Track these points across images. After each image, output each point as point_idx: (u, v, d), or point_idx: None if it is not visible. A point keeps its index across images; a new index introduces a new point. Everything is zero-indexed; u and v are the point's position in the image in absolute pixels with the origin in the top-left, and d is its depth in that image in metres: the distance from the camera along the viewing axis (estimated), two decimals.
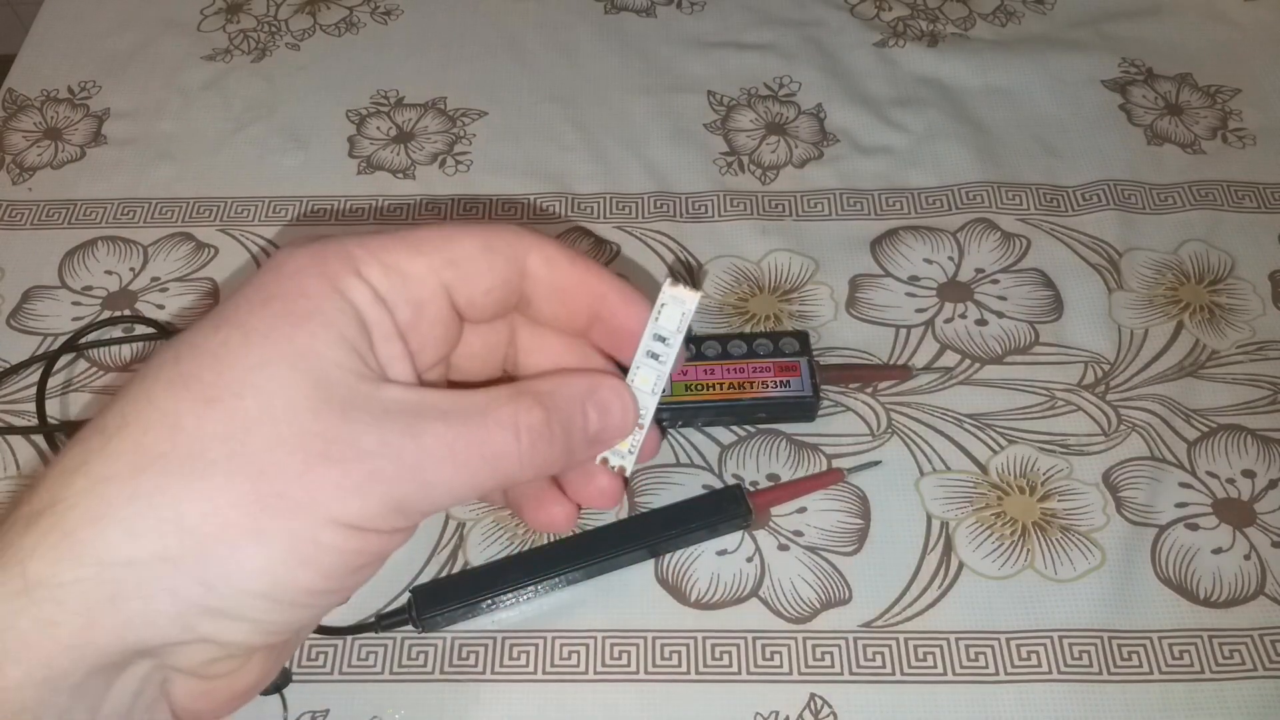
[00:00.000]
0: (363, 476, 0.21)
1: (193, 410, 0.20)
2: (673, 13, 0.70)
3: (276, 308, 0.22)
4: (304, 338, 0.21)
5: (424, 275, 0.23)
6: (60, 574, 0.19)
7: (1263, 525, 0.46)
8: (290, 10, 0.71)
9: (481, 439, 0.22)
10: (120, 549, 0.19)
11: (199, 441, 0.20)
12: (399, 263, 0.23)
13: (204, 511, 0.20)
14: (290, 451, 0.20)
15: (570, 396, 0.24)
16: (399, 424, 0.21)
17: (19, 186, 0.61)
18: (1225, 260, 0.55)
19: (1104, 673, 0.43)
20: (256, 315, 0.22)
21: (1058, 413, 0.50)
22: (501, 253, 0.24)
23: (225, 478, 0.20)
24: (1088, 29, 0.67)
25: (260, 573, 0.20)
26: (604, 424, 0.25)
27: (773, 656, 0.43)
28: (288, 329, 0.21)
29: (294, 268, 0.22)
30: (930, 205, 0.58)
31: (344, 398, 0.21)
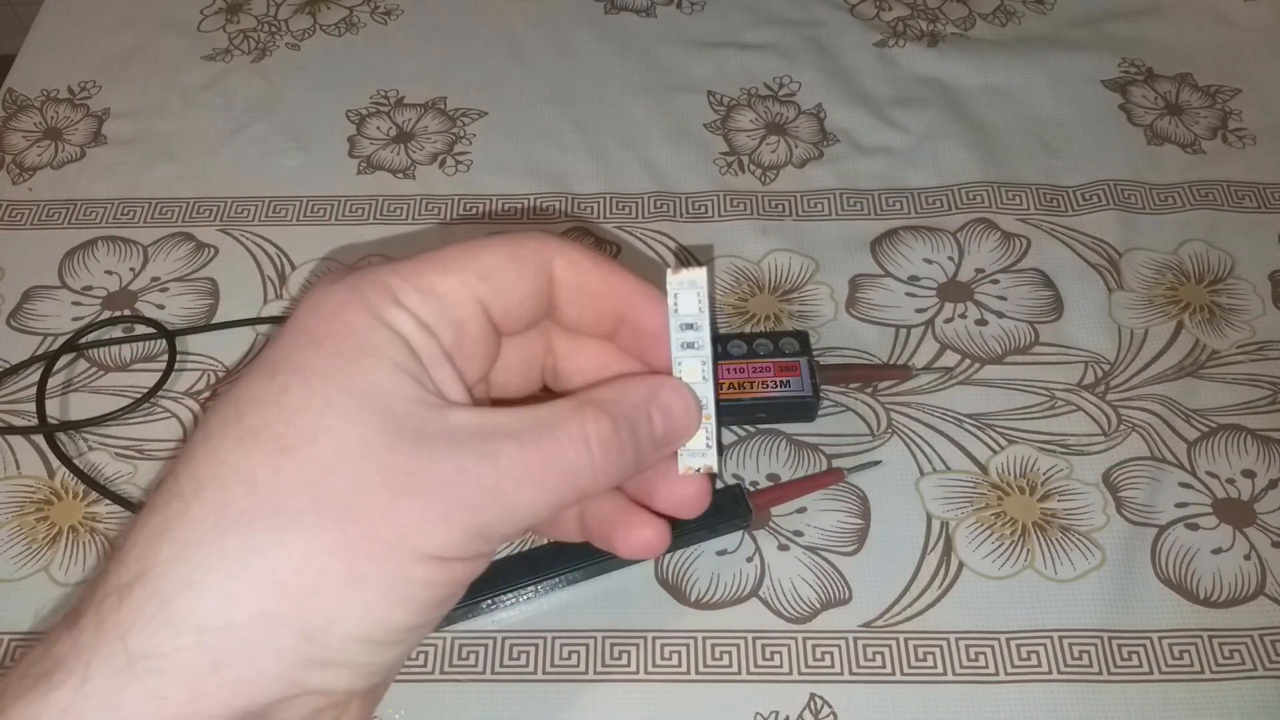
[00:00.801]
0: (446, 507, 0.21)
1: (266, 462, 0.20)
2: (673, 13, 0.70)
3: (329, 348, 0.22)
4: (362, 374, 0.21)
5: (459, 294, 0.23)
6: (161, 645, 0.19)
7: (1263, 525, 0.46)
8: (290, 10, 0.71)
9: (556, 454, 0.22)
10: (218, 613, 0.19)
11: (279, 493, 0.20)
12: (433, 285, 0.23)
13: (297, 564, 0.20)
14: (372, 490, 0.20)
15: (634, 403, 0.24)
16: (473, 449, 0.21)
17: (19, 186, 0.61)
18: (1225, 260, 0.55)
19: (1104, 673, 0.43)
20: (310, 358, 0.21)
21: (1058, 413, 0.50)
22: (529, 261, 0.24)
23: (312, 527, 0.20)
24: (1088, 29, 0.67)
25: (361, 618, 0.20)
26: (669, 425, 0.25)
27: (773, 656, 0.43)
28: (345, 367, 0.21)
29: (334, 305, 0.22)
30: (930, 205, 0.58)
31: (414, 428, 0.21)
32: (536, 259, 0.24)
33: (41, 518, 0.48)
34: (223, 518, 0.20)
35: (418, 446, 0.21)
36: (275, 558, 0.19)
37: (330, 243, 0.58)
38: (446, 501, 0.21)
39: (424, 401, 0.22)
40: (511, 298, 0.24)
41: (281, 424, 0.21)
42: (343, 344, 0.22)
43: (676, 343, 0.26)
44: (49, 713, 0.18)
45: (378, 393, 0.21)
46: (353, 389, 0.21)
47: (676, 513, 0.27)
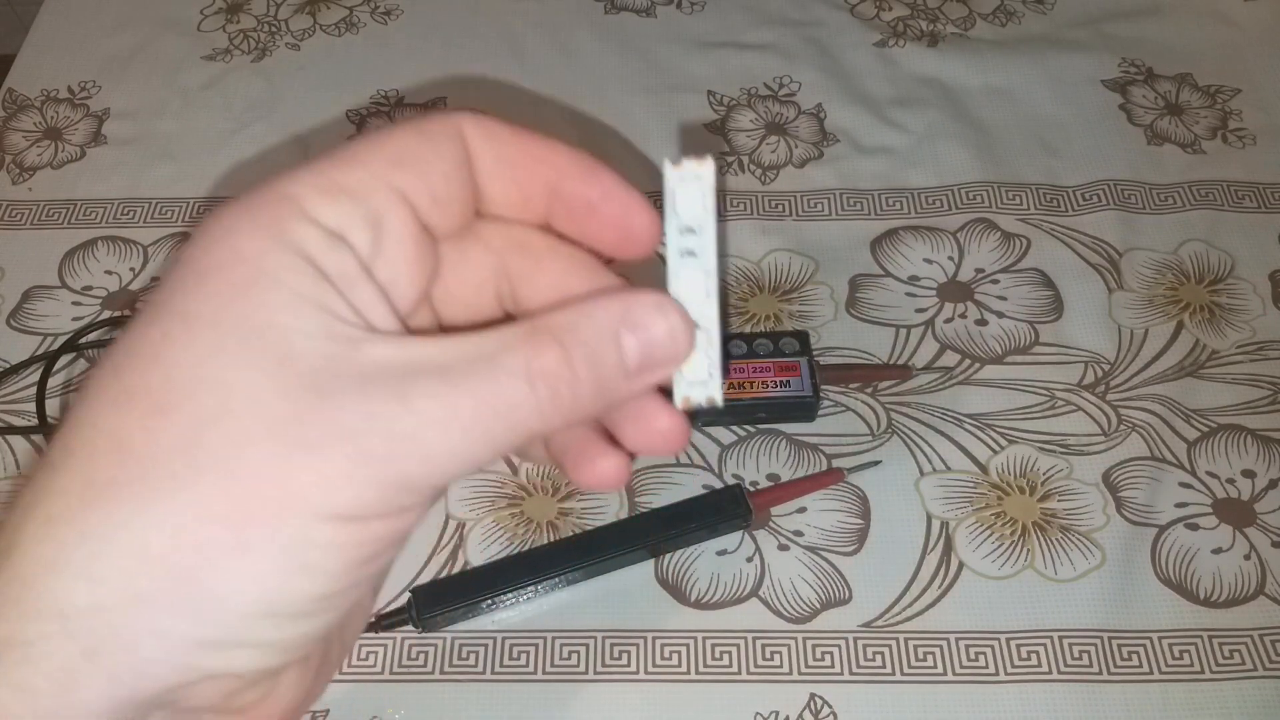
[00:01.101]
0: (350, 460, 0.18)
1: (141, 424, 0.18)
2: (673, 13, 0.70)
3: (215, 283, 0.18)
4: (254, 310, 0.18)
5: (371, 185, 0.20)
6: (25, 631, 0.17)
7: (1263, 525, 0.46)
8: (290, 10, 0.71)
9: (490, 394, 0.19)
10: (80, 596, 0.17)
11: (152, 458, 0.17)
12: (338, 181, 0.20)
13: (171, 535, 0.17)
14: (258, 444, 0.17)
15: (597, 326, 0.20)
16: (386, 389, 0.18)
17: (19, 186, 0.61)
18: (1225, 260, 0.55)
19: (1104, 673, 0.43)
20: (194, 296, 0.18)
21: (1058, 413, 0.50)
22: (441, 134, 0.21)
23: (189, 491, 0.17)
24: (1088, 29, 0.67)
25: (253, 591, 0.17)
26: (647, 350, 0.20)
27: (773, 656, 0.43)
28: (232, 304, 0.18)
29: (222, 230, 0.19)
30: (930, 205, 0.58)
31: (316, 368, 0.18)
32: (449, 131, 0.21)
33: None
34: (87, 489, 0.17)
35: (318, 392, 0.18)
36: (145, 530, 0.17)
37: None
38: (350, 453, 0.18)
39: (333, 335, 0.18)
40: (433, 179, 0.21)
41: (159, 377, 0.18)
42: (231, 276, 0.18)
43: (674, 249, 0.22)
44: None
45: (271, 331, 0.18)
46: (242, 329, 0.18)
47: (648, 451, 0.23)
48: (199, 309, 0.18)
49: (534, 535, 0.47)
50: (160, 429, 0.17)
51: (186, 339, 0.18)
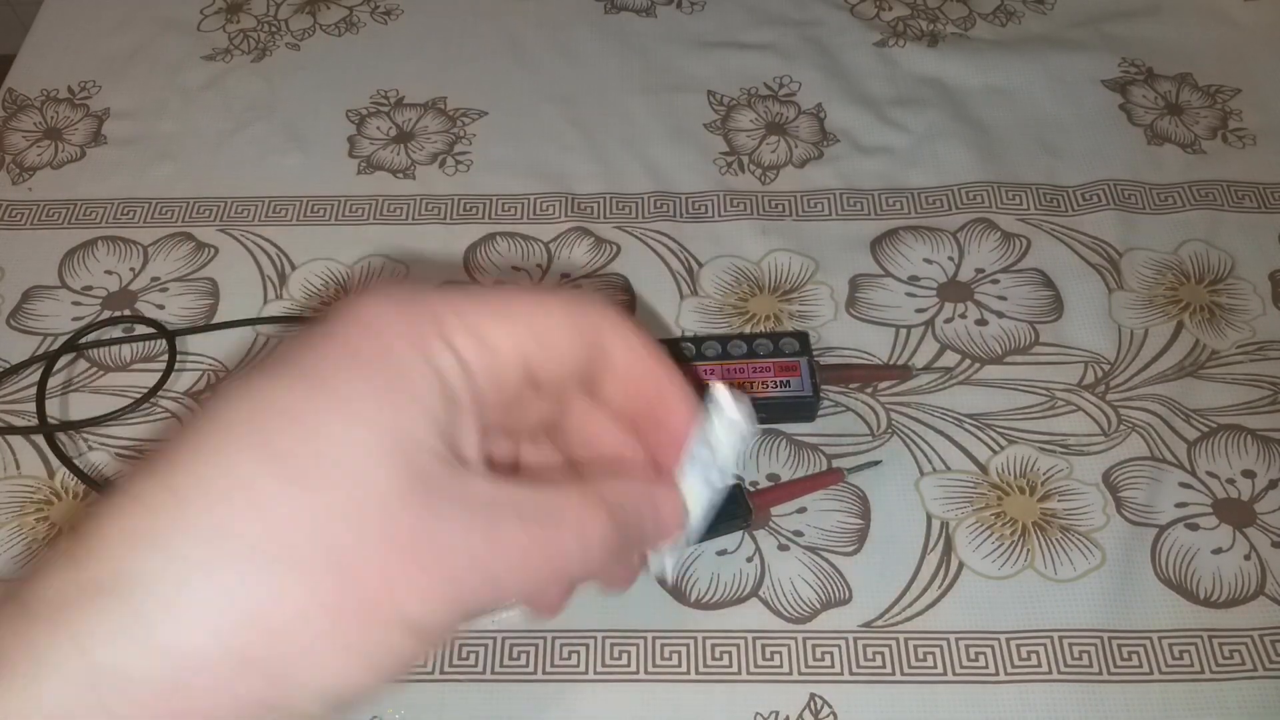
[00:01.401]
0: (445, 583, 0.20)
1: (277, 489, 0.19)
2: (673, 13, 0.70)
3: (363, 369, 0.20)
4: (391, 411, 0.20)
5: (509, 349, 0.22)
6: (130, 666, 0.18)
7: (1263, 525, 0.46)
8: (290, 10, 0.71)
9: (555, 547, 0.22)
10: (199, 644, 0.18)
11: (285, 528, 0.19)
12: (486, 331, 0.22)
13: (285, 609, 0.18)
14: (377, 548, 0.19)
15: (639, 512, 0.24)
16: (480, 523, 0.20)
17: (19, 186, 0.61)
18: (1225, 260, 0.55)
19: (1104, 673, 0.43)
20: (341, 374, 0.20)
21: (1058, 413, 0.50)
22: (585, 331, 0.24)
23: (309, 572, 0.19)
24: (1088, 29, 0.67)
25: (331, 678, 0.19)
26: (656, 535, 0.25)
27: (773, 656, 0.43)
28: (375, 397, 0.20)
29: (379, 323, 0.21)
30: (930, 205, 0.58)
31: (431, 487, 0.20)
32: (593, 332, 0.24)
33: (41, 518, 0.48)
34: (223, 539, 0.18)
35: (431, 509, 0.20)
36: (265, 597, 0.18)
37: (330, 243, 0.58)
38: (447, 578, 0.20)
39: (443, 459, 0.20)
40: (560, 365, 0.23)
41: (298, 442, 0.19)
42: (379, 369, 0.20)
43: (695, 458, 0.25)
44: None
45: (405, 438, 0.20)
46: (379, 425, 0.20)
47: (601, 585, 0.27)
48: (344, 387, 0.20)
49: None
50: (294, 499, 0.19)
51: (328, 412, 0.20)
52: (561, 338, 0.23)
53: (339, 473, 0.19)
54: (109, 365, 0.53)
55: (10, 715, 0.17)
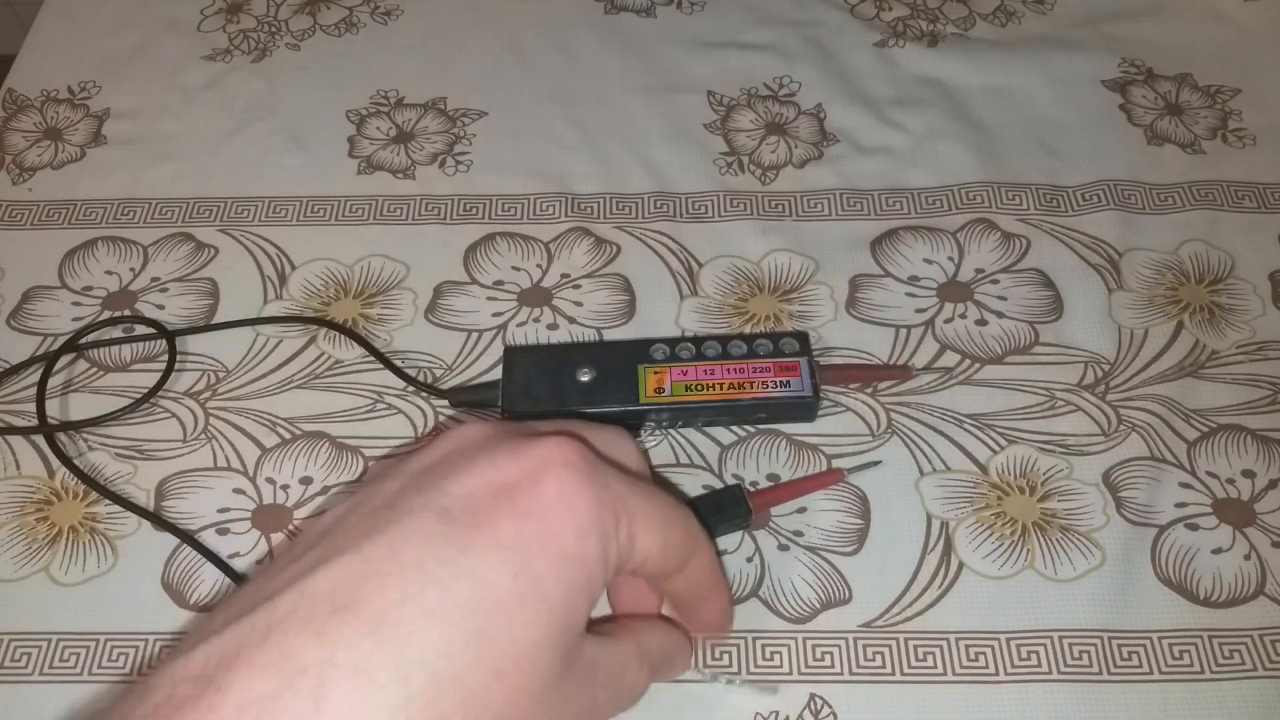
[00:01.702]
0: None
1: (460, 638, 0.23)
2: (673, 13, 0.70)
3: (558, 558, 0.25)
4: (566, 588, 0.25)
5: (641, 557, 0.28)
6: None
7: (1263, 525, 0.46)
8: (290, 10, 0.71)
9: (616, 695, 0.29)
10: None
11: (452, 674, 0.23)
12: (635, 535, 0.27)
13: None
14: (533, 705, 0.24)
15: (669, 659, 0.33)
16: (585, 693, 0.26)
17: (19, 186, 0.61)
18: (1225, 260, 0.55)
19: (1104, 673, 0.43)
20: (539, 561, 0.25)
21: (1058, 413, 0.50)
22: (685, 552, 0.29)
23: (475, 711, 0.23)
24: (1088, 29, 0.67)
25: None
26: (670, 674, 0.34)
27: (773, 656, 0.43)
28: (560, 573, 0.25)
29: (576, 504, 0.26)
30: (930, 205, 0.58)
31: (569, 648, 0.25)
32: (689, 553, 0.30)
33: (41, 518, 0.48)
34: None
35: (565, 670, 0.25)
36: None
37: (330, 243, 0.58)
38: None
39: (580, 629, 0.26)
40: (662, 569, 0.29)
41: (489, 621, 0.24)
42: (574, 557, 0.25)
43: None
44: None
45: (569, 611, 0.25)
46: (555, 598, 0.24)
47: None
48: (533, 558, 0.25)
49: None
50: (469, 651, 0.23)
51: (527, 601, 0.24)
52: (671, 553, 0.28)
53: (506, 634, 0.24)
54: (109, 365, 0.53)
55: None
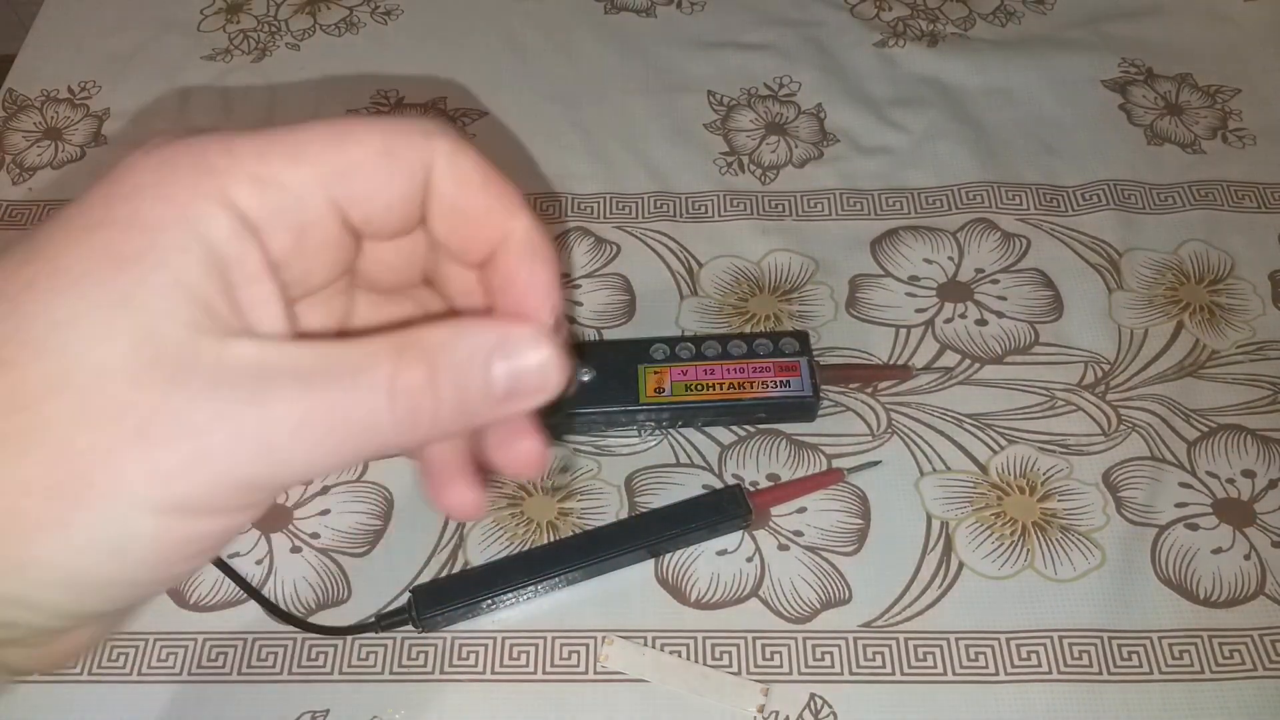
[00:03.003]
0: (189, 457, 0.17)
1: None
2: (673, 13, 0.70)
3: (101, 239, 0.18)
4: (130, 283, 0.17)
5: (309, 191, 0.19)
6: None
7: (1263, 525, 0.46)
8: (290, 10, 0.71)
9: (348, 403, 0.18)
10: None
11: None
12: (277, 175, 0.19)
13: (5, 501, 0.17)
14: (97, 428, 0.17)
15: (469, 348, 0.19)
16: (242, 391, 0.18)
17: (19, 186, 0.61)
18: (1225, 260, 0.55)
19: (1104, 673, 0.43)
20: (75, 249, 0.18)
21: (1058, 413, 0.50)
22: (405, 160, 0.20)
23: (15, 458, 0.17)
24: (1088, 29, 0.67)
25: (58, 566, 0.17)
26: (516, 379, 0.20)
27: (773, 656, 0.43)
28: (112, 269, 0.17)
29: (135, 183, 0.18)
30: (930, 205, 0.58)
31: (175, 360, 0.17)
32: (415, 159, 0.20)
33: None
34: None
35: (170, 382, 0.17)
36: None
37: None
38: (190, 451, 0.17)
39: (199, 327, 0.18)
40: (376, 203, 0.20)
41: (11, 327, 0.17)
42: (121, 239, 0.18)
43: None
44: None
45: (141, 310, 0.17)
46: (109, 299, 0.17)
47: (506, 473, 0.23)
48: (73, 265, 0.17)
49: (534, 535, 0.47)
50: (3, 385, 0.17)
51: (50, 294, 0.17)
52: (377, 173, 0.20)
53: (52, 353, 0.17)
54: None
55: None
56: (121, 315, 0.17)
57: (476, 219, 0.21)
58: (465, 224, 0.21)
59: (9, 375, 0.17)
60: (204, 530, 0.18)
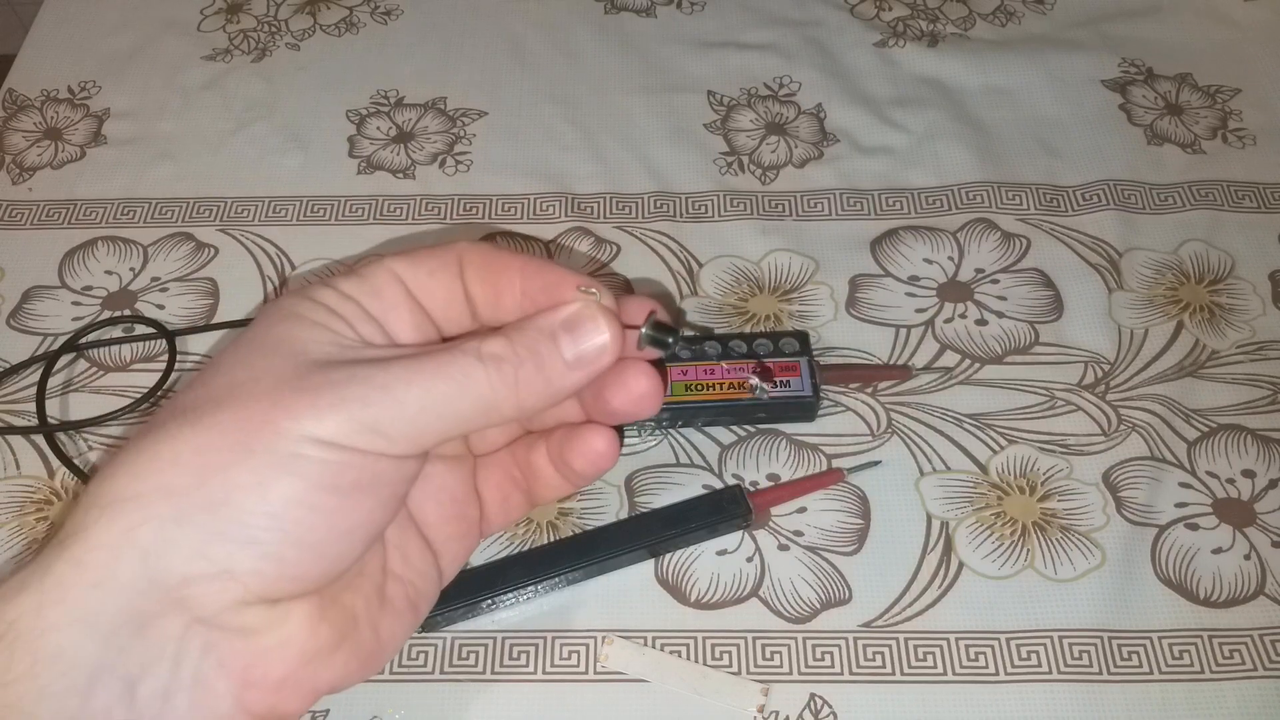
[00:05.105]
0: (332, 398, 0.23)
1: (188, 390, 0.24)
2: (673, 13, 0.70)
3: (262, 322, 0.26)
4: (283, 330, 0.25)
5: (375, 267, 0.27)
6: (86, 520, 0.22)
7: (1263, 525, 0.46)
8: (290, 10, 0.71)
9: (447, 362, 0.25)
10: (127, 487, 0.22)
11: (193, 404, 0.24)
12: (355, 268, 0.27)
13: (196, 447, 0.23)
14: (269, 391, 0.23)
15: (538, 325, 0.26)
16: (372, 363, 0.24)
17: (19, 186, 0.61)
18: (1225, 260, 0.55)
19: (1104, 673, 0.43)
20: (248, 332, 0.26)
21: (1058, 413, 0.50)
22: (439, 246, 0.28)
23: (213, 419, 0.23)
24: (1088, 29, 0.67)
25: (250, 484, 0.22)
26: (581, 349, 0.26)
27: (773, 656, 0.43)
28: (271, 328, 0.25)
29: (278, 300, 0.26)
30: (930, 205, 0.58)
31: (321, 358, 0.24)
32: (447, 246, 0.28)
33: (41, 518, 0.48)
34: (149, 428, 0.24)
35: (321, 368, 0.24)
36: (180, 443, 0.23)
37: (330, 243, 0.58)
38: (333, 395, 0.23)
39: (340, 344, 0.25)
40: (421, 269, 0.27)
41: (210, 372, 0.25)
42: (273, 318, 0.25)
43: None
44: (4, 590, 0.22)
45: (293, 339, 0.25)
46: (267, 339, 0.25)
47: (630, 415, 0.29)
48: (247, 335, 0.25)
49: (534, 535, 0.47)
50: (202, 389, 0.24)
51: (231, 351, 0.25)
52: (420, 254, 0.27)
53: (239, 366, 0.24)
54: (109, 365, 0.53)
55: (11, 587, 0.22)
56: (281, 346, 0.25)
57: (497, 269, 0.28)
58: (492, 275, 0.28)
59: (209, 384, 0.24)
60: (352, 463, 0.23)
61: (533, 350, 0.25)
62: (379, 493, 0.24)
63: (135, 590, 0.22)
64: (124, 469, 0.23)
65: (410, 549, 0.28)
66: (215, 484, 0.22)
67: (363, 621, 0.26)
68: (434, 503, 0.29)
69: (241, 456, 0.22)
